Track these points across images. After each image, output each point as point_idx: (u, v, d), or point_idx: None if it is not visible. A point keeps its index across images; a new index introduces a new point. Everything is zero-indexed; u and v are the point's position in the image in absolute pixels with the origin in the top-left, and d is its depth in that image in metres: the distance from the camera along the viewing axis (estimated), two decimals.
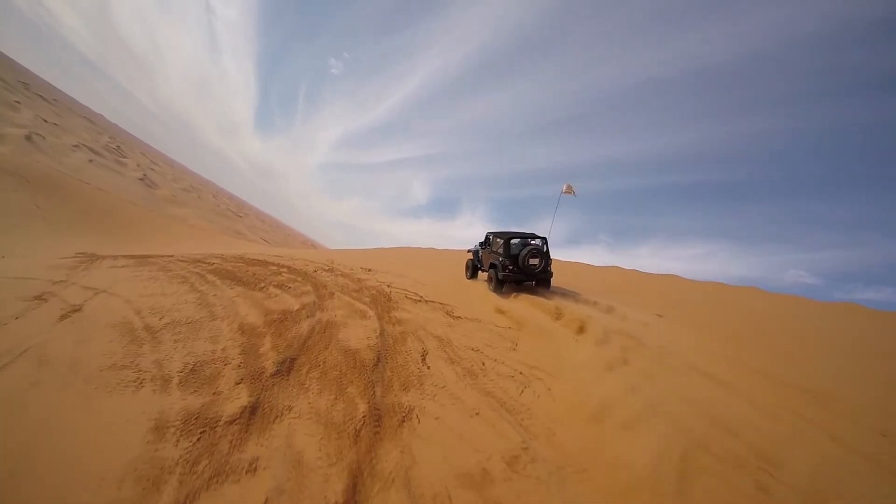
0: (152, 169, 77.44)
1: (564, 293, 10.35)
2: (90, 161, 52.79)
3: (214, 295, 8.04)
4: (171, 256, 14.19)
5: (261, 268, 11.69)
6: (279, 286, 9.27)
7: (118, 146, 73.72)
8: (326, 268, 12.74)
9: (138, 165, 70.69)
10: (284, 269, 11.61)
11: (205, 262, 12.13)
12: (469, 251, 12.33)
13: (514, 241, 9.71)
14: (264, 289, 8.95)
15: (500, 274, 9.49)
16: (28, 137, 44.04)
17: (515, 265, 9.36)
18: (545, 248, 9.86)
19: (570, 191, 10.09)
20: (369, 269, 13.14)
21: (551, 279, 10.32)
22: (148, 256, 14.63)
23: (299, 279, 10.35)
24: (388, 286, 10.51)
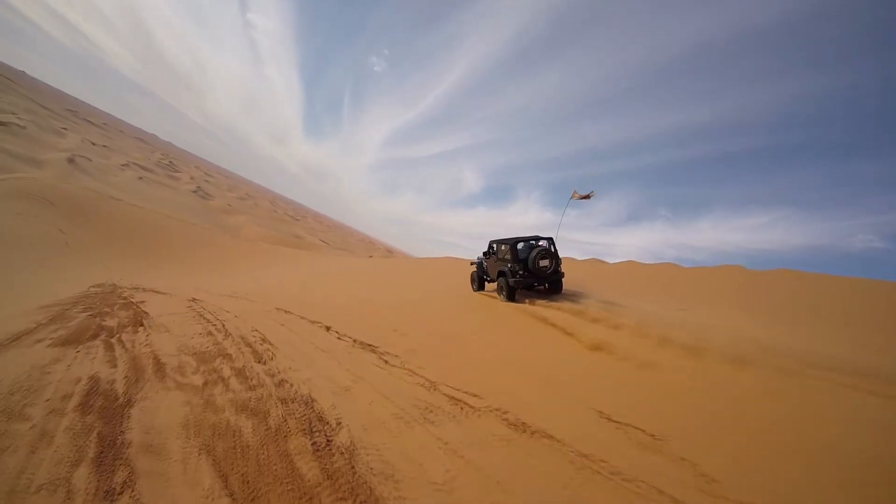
0: (206, 181, 75.38)
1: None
2: (140, 178, 49.71)
3: None
4: (139, 329, 6.48)
5: None
6: None
7: (171, 162, 72.06)
8: None
9: (192, 178, 68.42)
10: None
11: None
12: (472, 263, 11.68)
13: (520, 245, 9.43)
14: None
15: (511, 281, 9.08)
16: (71, 160, 40.88)
17: (525, 269, 9.05)
18: (553, 249, 9.38)
19: (586, 196, 9.61)
20: None
21: (563, 280, 9.70)
22: (98, 335, 7.16)
23: None
24: None
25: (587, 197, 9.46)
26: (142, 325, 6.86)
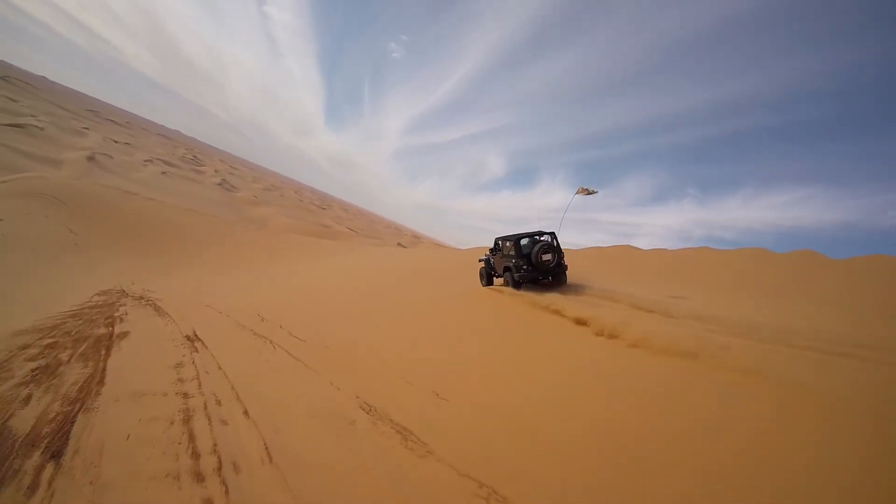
0: (231, 173, 73.72)
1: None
2: (163, 173, 47.85)
3: None
4: None
5: None
6: None
7: (195, 156, 70.56)
8: None
9: (216, 171, 66.71)
10: None
11: None
12: (480, 261, 11.99)
13: (523, 241, 9.78)
14: None
15: (517, 275, 9.49)
16: (90, 158, 39.07)
17: (529, 264, 9.42)
18: (556, 243, 9.76)
19: (590, 192, 10.17)
20: None
21: (566, 272, 9.89)
22: None
23: None
24: None
25: (592, 193, 10.11)
26: (62, 450, 3.22)
